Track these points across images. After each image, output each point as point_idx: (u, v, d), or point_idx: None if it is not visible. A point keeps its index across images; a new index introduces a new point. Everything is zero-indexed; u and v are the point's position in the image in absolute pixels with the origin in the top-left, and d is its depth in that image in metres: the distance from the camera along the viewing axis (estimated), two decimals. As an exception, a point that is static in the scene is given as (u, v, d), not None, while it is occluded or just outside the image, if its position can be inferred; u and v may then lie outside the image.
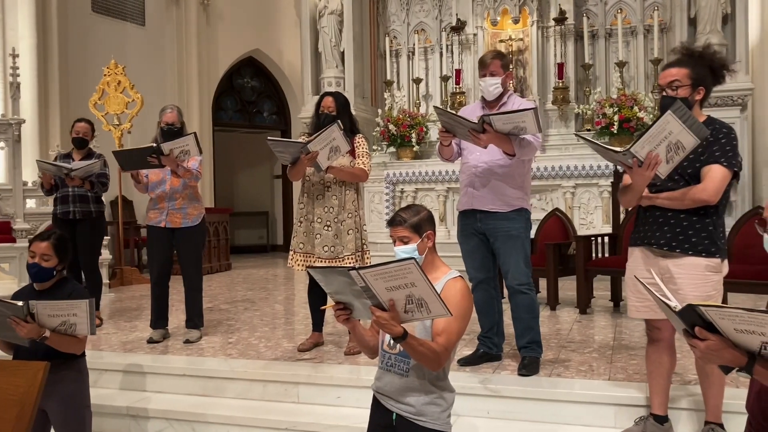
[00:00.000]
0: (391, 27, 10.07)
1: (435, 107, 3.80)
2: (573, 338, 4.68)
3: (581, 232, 7.27)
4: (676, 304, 1.86)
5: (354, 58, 9.70)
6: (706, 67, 2.95)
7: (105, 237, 6.13)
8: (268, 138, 4.14)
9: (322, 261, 4.30)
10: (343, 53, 9.77)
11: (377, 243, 7.98)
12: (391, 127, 9.12)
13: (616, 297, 5.85)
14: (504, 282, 3.95)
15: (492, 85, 3.81)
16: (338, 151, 4.07)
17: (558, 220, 6.36)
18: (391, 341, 2.33)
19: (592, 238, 5.95)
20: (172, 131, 4.81)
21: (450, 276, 2.39)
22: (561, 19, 8.70)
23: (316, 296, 4.42)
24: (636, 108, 8.13)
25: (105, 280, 7.10)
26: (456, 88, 9.17)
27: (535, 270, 4.74)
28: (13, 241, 6.91)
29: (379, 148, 9.45)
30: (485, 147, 3.63)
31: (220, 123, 12.07)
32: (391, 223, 2.43)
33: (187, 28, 10.90)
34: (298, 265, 4.38)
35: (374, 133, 9.49)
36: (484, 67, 3.82)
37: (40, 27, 8.71)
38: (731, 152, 2.86)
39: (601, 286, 6.16)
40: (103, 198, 5.68)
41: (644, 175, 2.78)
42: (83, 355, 3.20)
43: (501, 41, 9.10)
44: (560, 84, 8.66)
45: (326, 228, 4.31)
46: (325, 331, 4.63)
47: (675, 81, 2.91)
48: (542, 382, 3.67)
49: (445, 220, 8.67)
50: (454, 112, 3.67)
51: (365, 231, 4.47)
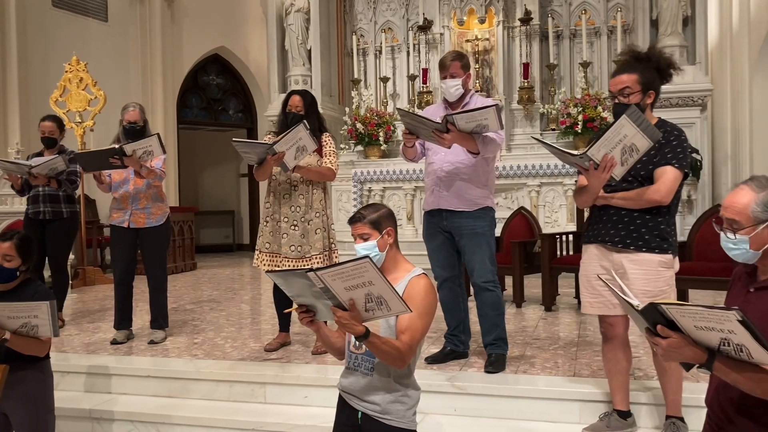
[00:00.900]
0: (358, 25, 10.06)
1: (398, 109, 3.82)
2: (538, 335, 4.74)
3: (546, 230, 7.35)
4: (638, 303, 1.90)
5: (321, 57, 9.67)
6: (653, 69, 3.03)
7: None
8: (233, 139, 4.09)
9: (289, 261, 4.28)
10: (310, 51, 9.74)
11: (345, 242, 7.92)
12: (359, 125, 9.11)
13: (581, 294, 5.91)
14: (470, 280, 3.98)
15: (453, 87, 3.84)
16: (305, 150, 4.05)
17: (523, 219, 6.42)
18: (357, 342, 2.33)
19: (557, 236, 6.02)
20: (134, 130, 4.73)
21: (413, 273, 2.40)
22: (526, 20, 8.79)
23: (282, 296, 4.39)
24: (600, 108, 8.25)
25: (67, 280, 6.97)
26: (423, 87, 9.20)
27: (500, 268, 4.78)
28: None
29: (347, 147, 9.44)
30: (449, 147, 3.65)
31: (185, 121, 11.92)
32: (352, 220, 2.43)
33: (151, 24, 10.74)
34: (264, 265, 4.36)
35: (342, 132, 9.47)
36: (444, 69, 3.86)
37: (-3, 22, 8.52)
38: (682, 153, 2.95)
39: (566, 284, 6.24)
40: (75, 198, 5.57)
41: (600, 177, 2.85)
42: (47, 357, 3.14)
43: (467, 41, 9.15)
44: (526, 84, 8.75)
45: (293, 227, 4.29)
46: (292, 330, 4.61)
47: (626, 88, 2.98)
48: (508, 379, 3.71)
49: (412, 219, 8.70)
50: (416, 113, 3.69)
51: (333, 230, 4.47)
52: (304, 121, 3.98)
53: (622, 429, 3.18)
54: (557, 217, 8.19)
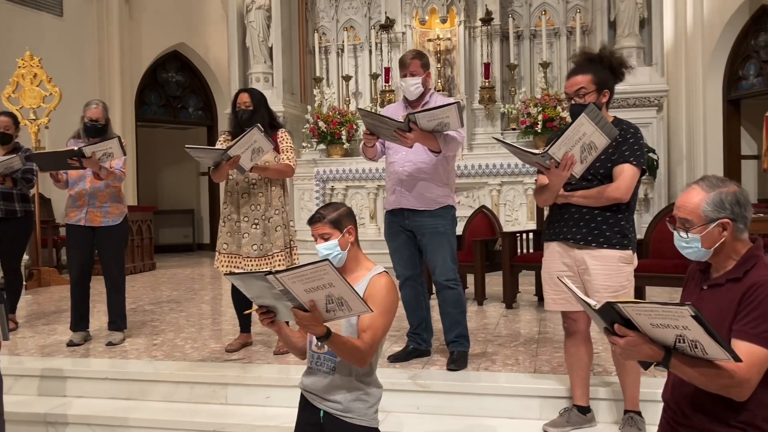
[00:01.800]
0: (320, 23, 10.01)
1: (359, 109, 3.82)
2: (500, 332, 4.78)
3: (507, 228, 7.43)
4: (595, 303, 1.92)
5: (282, 54, 9.59)
6: (606, 69, 3.09)
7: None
8: (186, 146, 4.01)
9: (251, 260, 4.24)
10: (271, 49, 9.65)
11: (307, 241, 7.90)
12: (321, 124, 9.07)
13: (541, 292, 5.94)
14: (432, 278, 3.99)
15: (413, 85, 3.86)
16: (261, 151, 4.00)
17: (485, 217, 6.47)
18: (318, 342, 2.32)
19: (518, 235, 6.09)
20: (96, 128, 4.63)
21: (375, 272, 2.40)
22: (487, 20, 8.85)
23: (241, 297, 4.35)
24: (559, 108, 8.36)
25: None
26: (385, 86, 9.21)
27: (462, 266, 4.82)
28: None
29: (309, 145, 9.39)
30: (411, 146, 3.66)
31: (144, 118, 11.72)
32: (311, 220, 2.42)
33: (109, 19, 10.52)
34: (224, 266, 4.32)
35: (304, 130, 9.42)
36: (404, 68, 3.87)
37: (-54, 15, 8.25)
38: (639, 151, 3.02)
39: (526, 281, 6.31)
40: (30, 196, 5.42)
41: (561, 175, 2.90)
42: (-4, 361, 3.05)
43: (429, 40, 9.18)
44: (487, 83, 8.81)
45: (254, 226, 4.25)
46: (253, 330, 4.57)
47: (581, 89, 3.04)
48: (470, 376, 3.73)
49: (375, 218, 8.70)
50: (378, 113, 3.69)
51: (292, 228, 4.44)
52: (258, 125, 3.93)
53: (581, 424, 3.23)
54: (517, 215, 8.28)
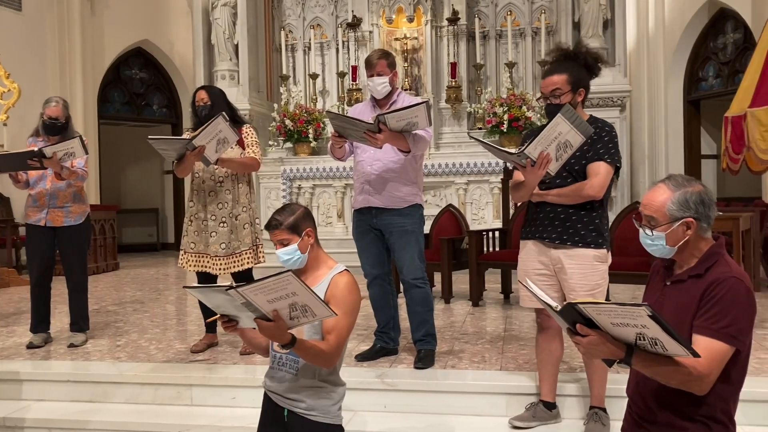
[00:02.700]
0: (287, 21, 9.95)
1: (327, 111, 3.81)
2: (466, 330, 4.81)
3: (473, 227, 7.48)
4: (556, 304, 1.95)
5: (248, 52, 9.50)
6: (582, 66, 3.12)
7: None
8: (149, 137, 3.95)
9: (219, 259, 4.20)
10: (237, 46, 9.55)
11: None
12: (288, 122, 9.02)
13: (507, 289, 6.06)
14: (399, 277, 4.00)
15: (380, 85, 3.86)
16: (226, 142, 3.97)
17: (451, 216, 6.51)
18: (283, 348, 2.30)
19: (484, 233, 6.14)
20: (55, 126, 4.53)
21: (336, 271, 2.39)
22: (454, 20, 8.90)
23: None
24: (524, 108, 8.44)
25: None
26: (353, 84, 9.19)
27: (429, 264, 4.83)
28: None
29: (276, 144, 9.33)
30: (381, 147, 3.66)
31: (107, 116, 11.51)
32: (268, 227, 2.39)
33: (70, 15, 10.30)
34: (190, 265, 4.27)
35: (270, 128, 9.36)
36: (370, 68, 3.88)
37: None
38: (613, 149, 3.05)
39: (493, 279, 6.36)
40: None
41: (537, 173, 2.92)
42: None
43: (396, 39, 9.20)
44: (453, 83, 8.86)
45: (222, 225, 4.21)
46: (219, 331, 4.52)
47: (557, 89, 3.06)
48: (437, 374, 3.75)
49: (342, 216, 8.69)
50: (347, 115, 3.69)
51: (258, 225, 4.41)
52: (223, 112, 3.90)
53: (546, 419, 3.27)
54: (484, 214, 8.34)
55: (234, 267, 4.22)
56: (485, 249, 6.06)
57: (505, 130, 8.42)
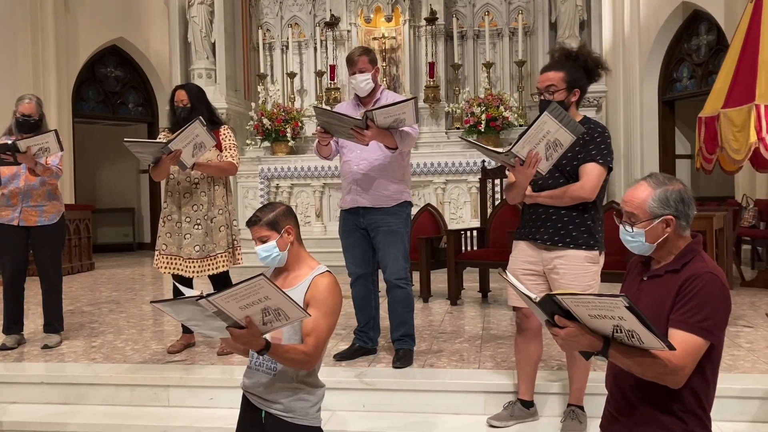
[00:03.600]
0: (264, 20, 9.90)
1: (315, 107, 3.79)
2: (445, 329, 4.83)
3: (451, 226, 7.51)
4: (535, 296, 1.96)
5: (226, 50, 9.43)
6: (581, 68, 3.10)
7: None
8: (125, 139, 3.91)
9: (192, 261, 4.17)
10: (214, 44, 9.48)
11: (251, 240, 7.83)
12: (266, 121, 8.97)
13: (485, 288, 6.08)
14: (382, 276, 3.98)
15: (363, 82, 3.85)
16: (203, 147, 3.93)
17: (430, 215, 6.52)
18: (258, 354, 2.28)
19: (462, 232, 6.16)
20: (29, 123, 4.47)
21: (317, 272, 2.37)
22: (432, 19, 8.91)
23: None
24: (502, 108, 8.49)
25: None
26: (331, 83, 9.17)
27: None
28: None
29: (253, 143, 9.29)
30: (368, 144, 3.65)
31: (81, 114, 11.36)
32: (249, 223, 2.38)
33: (43, 11, 10.14)
34: (163, 267, 4.23)
35: (248, 127, 9.31)
36: (352, 65, 3.86)
37: None
38: (606, 150, 3.04)
39: (471, 278, 6.38)
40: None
41: (526, 172, 2.91)
42: None
43: (374, 38, 9.19)
44: (431, 83, 8.88)
45: (196, 227, 4.17)
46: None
47: (551, 86, 3.05)
48: (416, 373, 3.76)
49: (321, 216, 8.67)
50: (334, 111, 3.66)
51: (236, 227, 4.38)
52: (200, 117, 3.86)
53: (524, 418, 3.29)
54: (462, 213, 8.38)
55: (208, 270, 4.18)
56: (463, 248, 6.08)
57: (482, 130, 8.46)
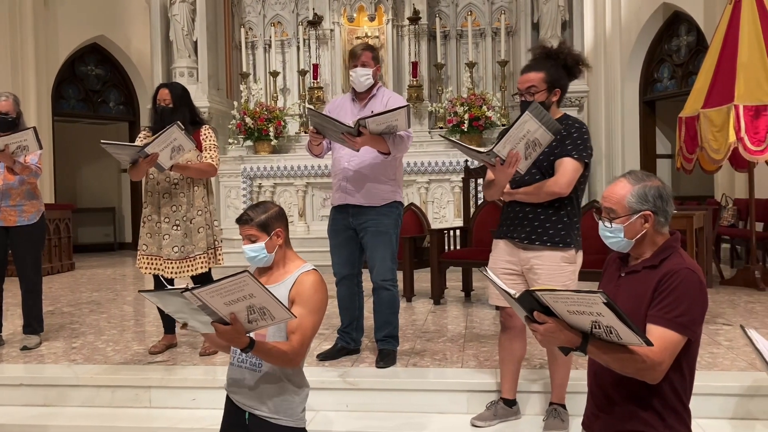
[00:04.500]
0: (247, 18, 9.86)
1: (308, 109, 3.78)
2: (428, 328, 4.83)
3: (435, 225, 7.53)
4: (515, 292, 1.97)
5: (208, 49, 9.38)
6: (561, 67, 3.11)
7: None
8: (102, 142, 3.87)
9: (172, 262, 4.14)
10: (196, 43, 9.42)
11: (234, 239, 7.80)
12: (248, 120, 8.94)
13: (468, 287, 6.10)
14: (369, 276, 3.96)
15: (363, 76, 3.83)
16: (181, 149, 3.90)
17: (413, 215, 6.53)
18: (242, 352, 2.27)
19: (445, 232, 6.17)
20: (5, 121, 4.41)
21: (303, 269, 2.36)
22: (415, 19, 8.93)
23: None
24: (485, 107, 8.52)
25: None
26: (314, 82, 9.15)
27: (392, 263, 4.83)
28: None
29: (236, 142, 9.24)
30: (358, 150, 3.64)
31: (62, 113, 11.24)
32: (239, 221, 2.37)
33: (21, 8, 10.02)
34: (144, 267, 4.20)
35: (230, 126, 9.26)
36: (355, 58, 3.84)
37: None
38: (582, 145, 3.05)
39: (454, 277, 6.40)
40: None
41: (506, 172, 2.92)
42: None
43: (357, 38, 9.18)
44: (414, 82, 8.89)
45: (175, 227, 4.14)
46: (178, 331, 4.46)
47: (532, 86, 3.06)
48: (399, 372, 3.76)
49: (304, 216, 8.65)
50: (327, 115, 3.64)
51: (217, 228, 4.35)
52: (178, 122, 3.83)
53: (507, 417, 3.30)
54: (445, 212, 8.40)
55: (188, 271, 4.16)
56: (446, 247, 6.10)
57: (465, 130, 8.48)
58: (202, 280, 4.20)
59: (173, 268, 4.14)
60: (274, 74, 9.50)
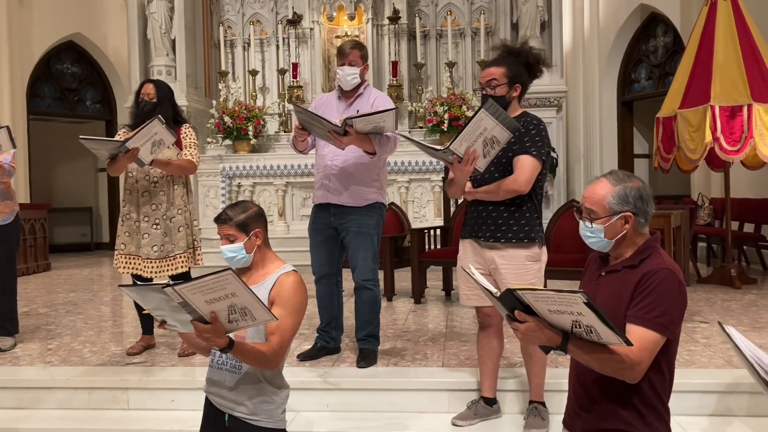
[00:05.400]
0: (226, 17, 9.79)
1: (295, 106, 3.76)
2: (408, 328, 4.83)
3: (415, 225, 7.53)
4: (496, 290, 1.98)
5: (186, 47, 9.30)
6: (522, 64, 3.15)
7: None
8: (81, 137, 3.82)
9: (151, 262, 4.09)
10: (174, 41, 9.34)
11: (213, 239, 7.73)
12: (227, 119, 8.87)
13: (448, 286, 6.11)
14: (351, 276, 3.95)
15: (350, 75, 3.81)
16: (162, 144, 3.87)
17: (393, 214, 6.52)
18: (221, 353, 2.24)
19: (425, 231, 6.18)
20: (-23, 120, 4.34)
21: (283, 270, 2.35)
22: (395, 18, 8.93)
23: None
24: (464, 107, 8.54)
25: None
26: (293, 81, 9.11)
27: (372, 263, 4.82)
28: None
29: (214, 141, 9.17)
30: (344, 149, 3.62)
31: (37, 111, 11.07)
32: (218, 220, 2.34)
33: (-5, 5, 9.87)
34: (122, 267, 4.15)
35: (209, 125, 9.19)
36: (343, 56, 3.82)
37: None
38: (540, 142, 3.07)
39: (434, 277, 6.41)
40: None
41: (464, 169, 2.94)
42: None
43: (337, 37, 9.16)
44: (395, 82, 8.89)
45: (155, 226, 4.10)
46: (156, 332, 4.41)
47: (493, 80, 3.10)
48: (380, 372, 3.75)
49: (284, 215, 8.61)
50: (314, 112, 3.62)
51: (196, 227, 4.31)
52: (159, 116, 3.79)
53: (488, 415, 3.31)
54: (425, 212, 8.41)
55: (167, 270, 4.12)
56: (427, 247, 6.10)
57: (445, 129, 8.50)
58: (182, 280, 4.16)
59: (152, 267, 4.10)
60: (253, 73, 9.45)
